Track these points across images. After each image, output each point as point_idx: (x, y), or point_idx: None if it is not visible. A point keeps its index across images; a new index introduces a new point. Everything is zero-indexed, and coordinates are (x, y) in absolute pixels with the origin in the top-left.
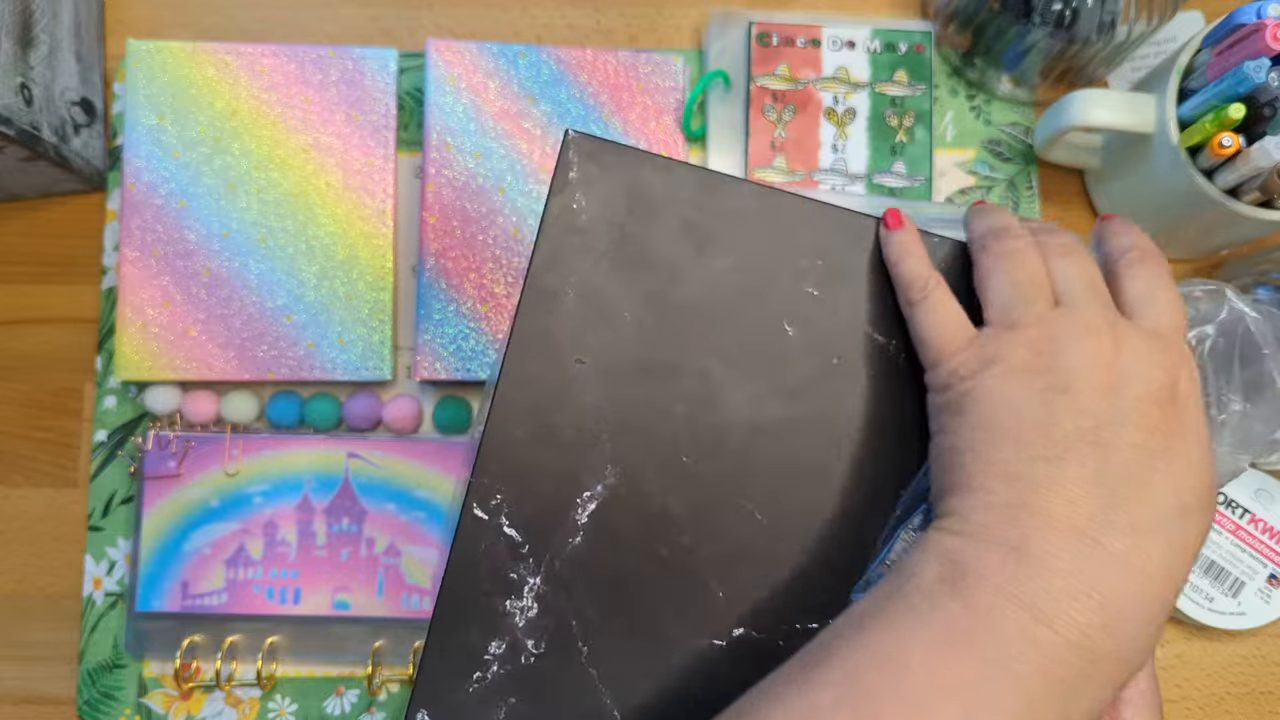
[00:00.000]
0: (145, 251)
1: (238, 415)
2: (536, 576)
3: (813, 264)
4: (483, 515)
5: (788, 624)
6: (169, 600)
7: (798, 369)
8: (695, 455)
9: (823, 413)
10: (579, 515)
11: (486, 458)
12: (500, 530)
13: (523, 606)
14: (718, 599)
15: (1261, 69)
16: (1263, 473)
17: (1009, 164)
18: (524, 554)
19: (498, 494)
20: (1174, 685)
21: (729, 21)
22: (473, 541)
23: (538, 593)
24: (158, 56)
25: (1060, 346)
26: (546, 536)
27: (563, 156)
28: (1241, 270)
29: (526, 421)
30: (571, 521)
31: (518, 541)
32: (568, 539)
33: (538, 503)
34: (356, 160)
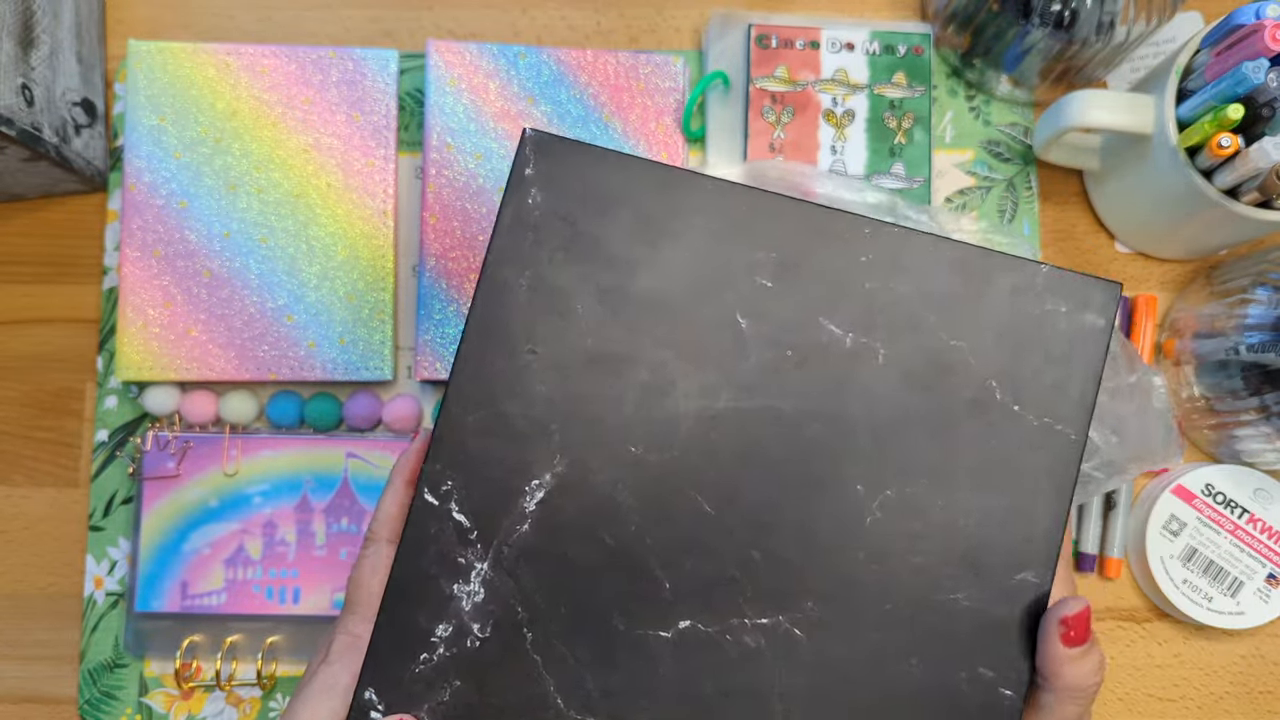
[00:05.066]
0: (146, 252)
1: (237, 416)
2: (484, 562)
3: (766, 256)
4: (433, 500)
5: (736, 618)
6: (168, 600)
7: (750, 361)
8: (644, 446)
9: (774, 406)
10: (527, 503)
11: (439, 444)
12: (450, 515)
13: (470, 591)
14: (664, 590)
15: (1260, 69)
16: (1261, 473)
17: (1008, 165)
18: (472, 540)
19: (448, 480)
20: (1173, 684)
21: (728, 23)
22: (423, 526)
23: (485, 578)
24: (159, 57)
25: None
26: (495, 523)
27: (520, 154)
28: (1240, 270)
29: (478, 410)
30: (520, 509)
31: (466, 527)
32: (516, 526)
33: (487, 490)
34: (357, 161)
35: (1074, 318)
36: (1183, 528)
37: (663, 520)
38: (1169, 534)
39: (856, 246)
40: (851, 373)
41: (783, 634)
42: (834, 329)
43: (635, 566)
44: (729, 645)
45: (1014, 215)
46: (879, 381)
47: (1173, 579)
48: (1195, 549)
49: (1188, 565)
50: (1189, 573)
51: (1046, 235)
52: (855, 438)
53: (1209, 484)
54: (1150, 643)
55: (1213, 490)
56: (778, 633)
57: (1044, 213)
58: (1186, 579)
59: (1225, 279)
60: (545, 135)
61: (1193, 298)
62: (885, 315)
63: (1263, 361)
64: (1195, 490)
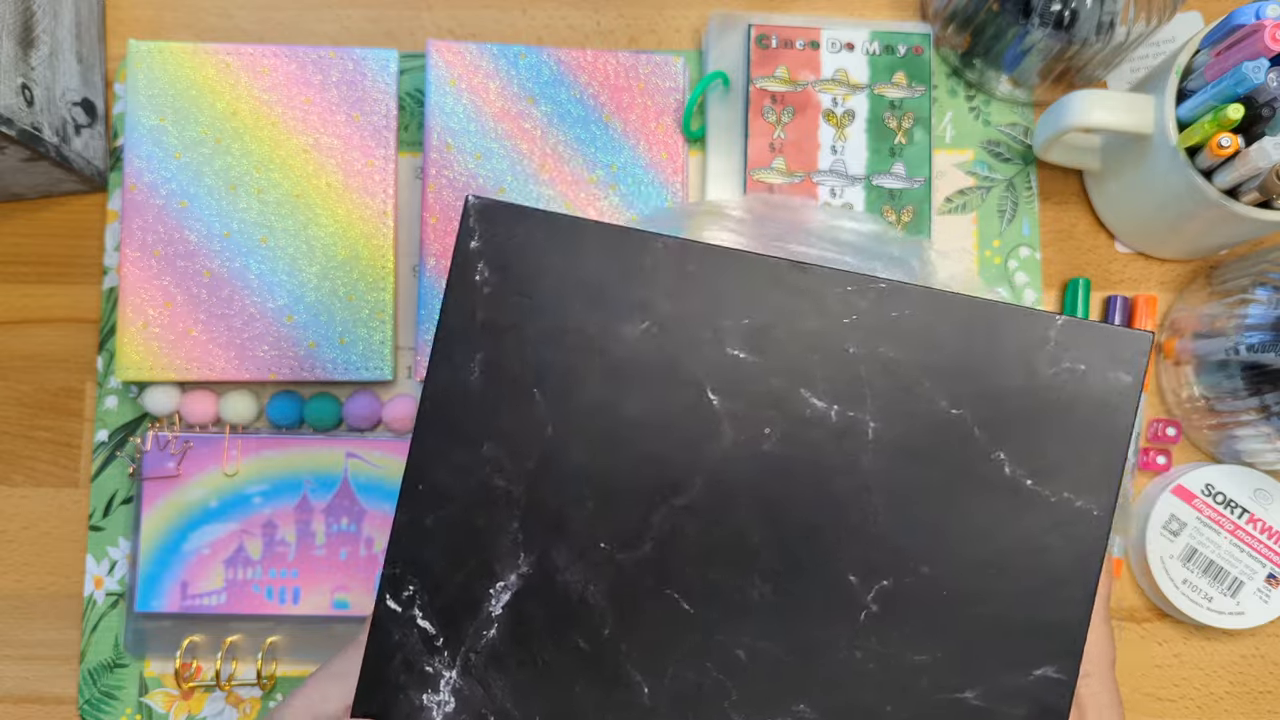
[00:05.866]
0: (146, 252)
1: (236, 416)
2: (452, 670)
3: (737, 323)
4: (396, 607)
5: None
6: (168, 600)
7: (724, 442)
8: (614, 542)
9: (753, 490)
10: (493, 607)
11: (396, 546)
12: (414, 622)
13: (439, 701)
14: (643, 696)
15: (1260, 69)
16: (1261, 473)
17: (1008, 164)
18: (438, 646)
19: (410, 585)
20: (1172, 684)
21: (728, 23)
22: (386, 634)
23: (454, 687)
24: (159, 57)
25: None
26: (461, 628)
27: (463, 225)
28: (1240, 270)
29: (436, 508)
30: (486, 613)
31: (432, 634)
32: (483, 631)
33: (451, 593)
34: (357, 161)
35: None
36: (1183, 528)
37: (638, 621)
38: (1169, 534)
39: (837, 306)
40: (838, 450)
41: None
42: (817, 402)
43: (611, 672)
44: None
45: (1014, 215)
46: (870, 459)
47: (1173, 579)
48: (1195, 549)
49: (1188, 565)
50: (1189, 573)
51: (1046, 235)
52: (845, 523)
53: (1209, 484)
54: (1150, 643)
55: (1213, 490)
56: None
57: (1044, 213)
58: (1186, 579)
59: (1225, 279)
60: (490, 202)
61: (1193, 298)
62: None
63: (1263, 361)
64: (1195, 490)
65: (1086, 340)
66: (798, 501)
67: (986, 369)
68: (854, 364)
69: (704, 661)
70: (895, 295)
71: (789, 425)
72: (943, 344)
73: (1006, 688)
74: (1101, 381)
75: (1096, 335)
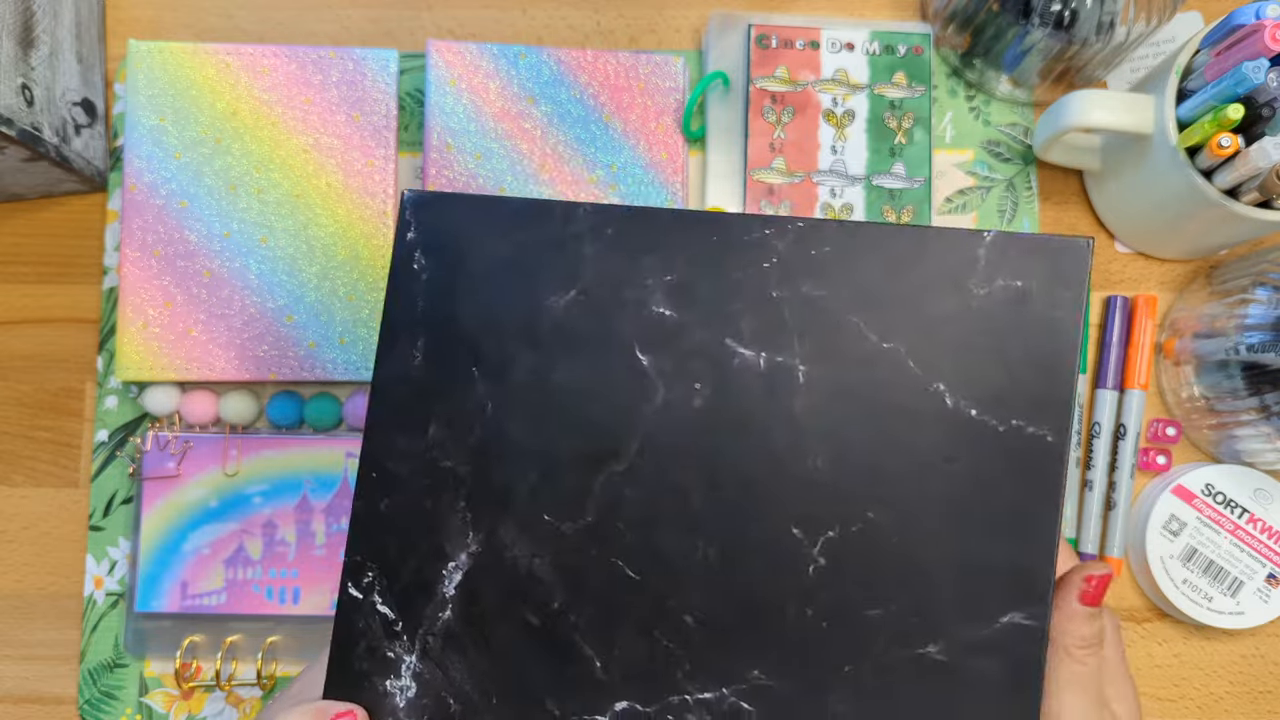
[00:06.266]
0: (146, 252)
1: (236, 416)
2: (412, 654)
3: (659, 280)
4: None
5: (675, 694)
6: (168, 600)
7: (656, 402)
8: (558, 513)
9: (689, 448)
10: (447, 588)
11: (355, 535)
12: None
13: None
14: (595, 669)
15: (1260, 69)
16: (1262, 473)
17: (1008, 164)
18: (398, 631)
19: (369, 571)
20: (1173, 684)
21: (728, 23)
22: (350, 622)
23: (415, 671)
24: (159, 57)
25: None
26: (418, 612)
27: (400, 219)
28: (1240, 270)
29: (387, 494)
30: (440, 595)
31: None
32: (438, 614)
33: (407, 577)
34: (357, 161)
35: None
36: (1183, 528)
37: (586, 593)
38: (1169, 534)
39: (756, 252)
40: (770, 398)
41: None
42: (744, 350)
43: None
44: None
45: (1014, 215)
46: (803, 404)
47: (1173, 579)
48: (1195, 549)
49: (1188, 565)
50: (1189, 573)
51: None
52: (784, 474)
53: (1209, 484)
54: (1150, 643)
55: (1213, 490)
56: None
57: (1044, 213)
58: (1186, 579)
59: (1225, 279)
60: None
61: (1193, 298)
62: (801, 325)
63: (1263, 361)
64: (1195, 490)
65: (1020, 255)
66: (734, 456)
67: (916, 297)
68: (778, 307)
69: (653, 630)
70: (813, 232)
71: (719, 377)
72: (868, 277)
73: (972, 639)
74: (1042, 297)
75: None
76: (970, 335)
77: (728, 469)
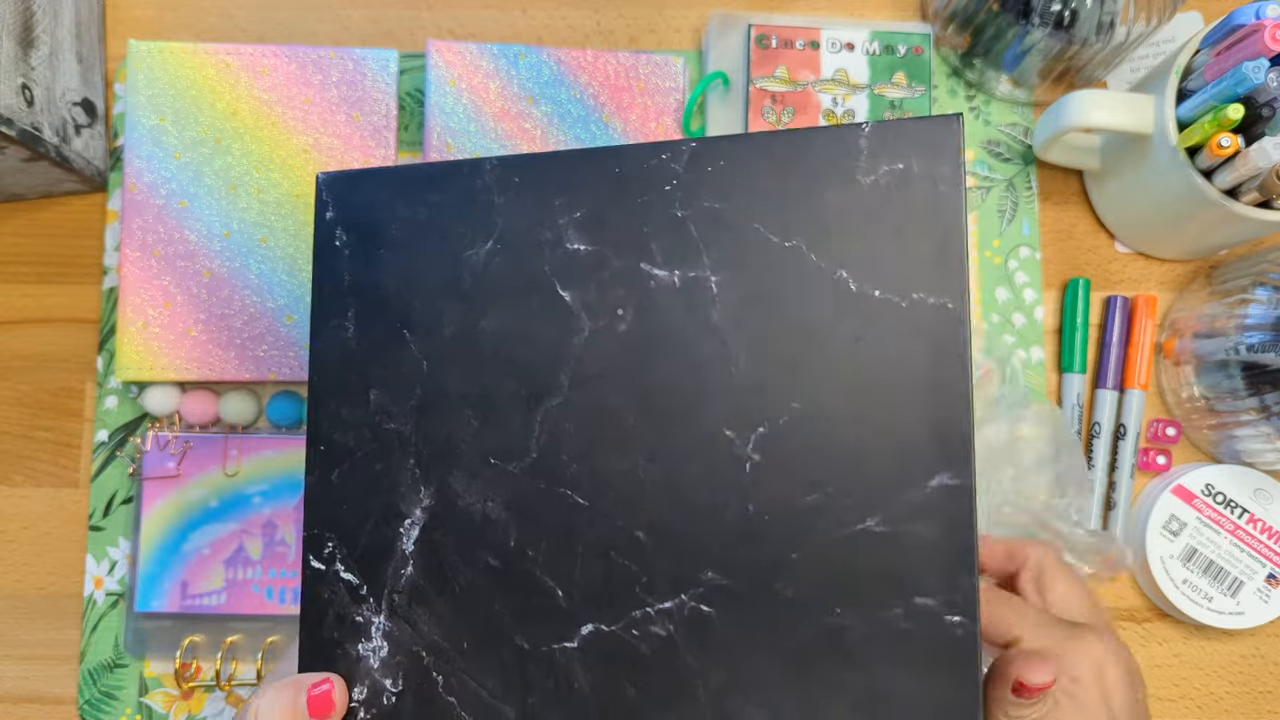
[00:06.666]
0: (146, 252)
1: (236, 416)
2: (380, 615)
3: (570, 218)
4: (320, 565)
5: (638, 608)
6: (168, 600)
7: (583, 334)
8: (502, 455)
9: (618, 371)
10: (405, 544)
11: (311, 509)
12: (338, 577)
13: (374, 648)
14: (557, 598)
15: (1260, 69)
16: (1262, 473)
17: (1008, 164)
18: (363, 595)
19: (329, 542)
20: (1173, 684)
21: (728, 23)
22: (316, 594)
23: (385, 630)
24: (159, 57)
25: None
26: (380, 573)
27: (318, 200)
28: (1240, 270)
29: (337, 465)
30: (400, 552)
31: (355, 584)
32: (400, 570)
33: (365, 541)
34: (357, 161)
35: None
36: (1183, 528)
37: (539, 526)
38: (1169, 534)
39: (657, 176)
40: (688, 312)
41: (689, 614)
42: (658, 272)
43: (524, 581)
44: (638, 641)
45: (1014, 215)
46: (720, 313)
47: (1173, 579)
48: (1195, 549)
49: (1188, 565)
50: (1189, 573)
51: (1046, 235)
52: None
53: (1209, 484)
54: (1150, 643)
55: (1213, 490)
56: (684, 614)
57: (1044, 213)
58: (1186, 579)
59: (1225, 279)
60: (335, 175)
61: (1193, 298)
62: (706, 239)
63: (1263, 361)
64: (1195, 490)
65: (897, 140)
66: (662, 372)
67: (809, 194)
68: (684, 225)
69: (609, 552)
70: (707, 150)
71: (639, 300)
72: (762, 183)
73: (906, 507)
74: (924, 176)
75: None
76: (863, 221)
77: (657, 386)
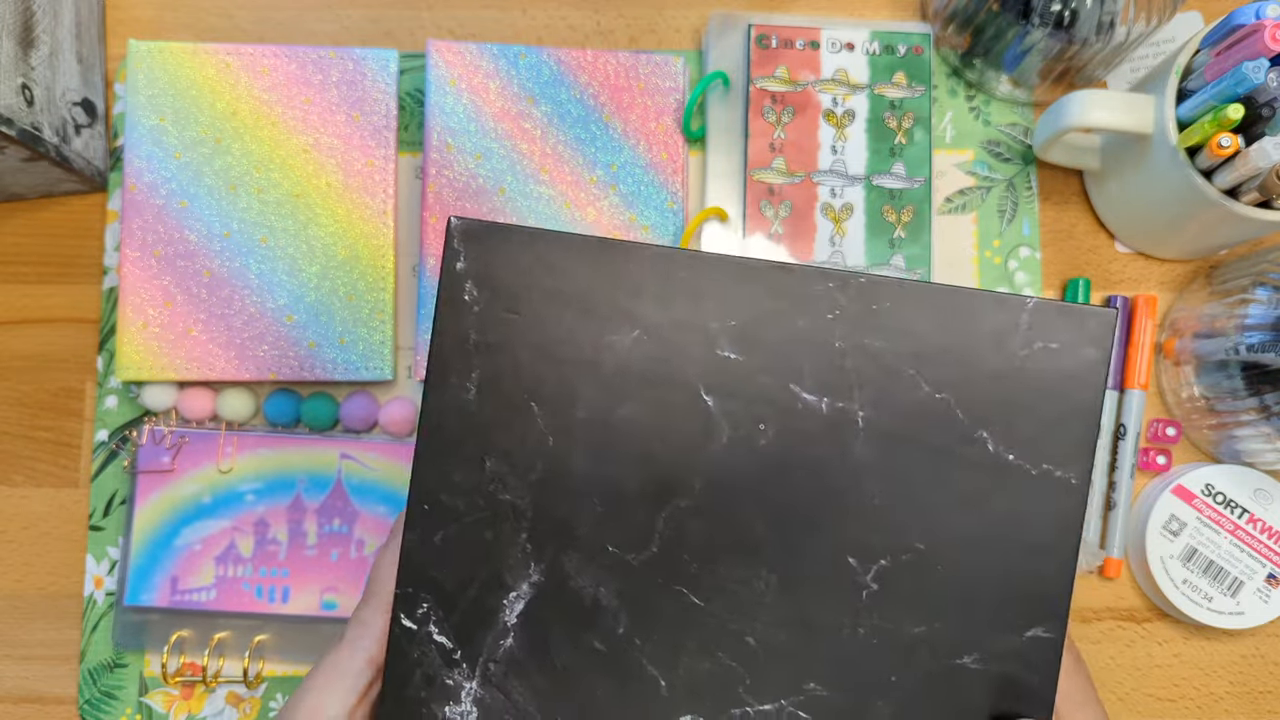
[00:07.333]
0: (146, 252)
1: (233, 413)
2: (472, 681)
3: (725, 325)
4: (411, 625)
5: (738, 707)
6: (158, 595)
7: (721, 442)
8: (622, 544)
9: (752, 485)
10: (508, 616)
11: (407, 567)
12: (430, 639)
13: (462, 711)
14: (660, 688)
15: (1260, 69)
16: (1262, 473)
17: (1008, 164)
18: (457, 659)
19: (423, 603)
20: (1172, 684)
21: (728, 23)
22: (404, 652)
23: (475, 696)
24: (159, 57)
25: None
26: (478, 640)
27: (448, 247)
28: (1240, 270)
29: (442, 527)
30: (501, 623)
31: (449, 648)
32: (500, 641)
33: (464, 607)
34: (357, 161)
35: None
36: (1183, 528)
37: (650, 618)
38: (1169, 534)
39: (821, 303)
40: (831, 441)
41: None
42: (807, 396)
43: (627, 668)
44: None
45: (1014, 215)
46: (862, 447)
47: (1173, 579)
48: (1195, 549)
49: (1188, 565)
50: (1189, 573)
51: (1046, 235)
52: (842, 509)
53: (1209, 484)
54: (1150, 643)
55: (1213, 490)
56: (781, 718)
57: (1044, 213)
58: (1186, 579)
59: (1225, 279)
60: (472, 222)
61: (1193, 298)
62: (861, 374)
63: (1263, 361)
64: (1195, 490)
65: (1056, 321)
66: (796, 493)
67: (965, 354)
68: (841, 357)
69: (716, 651)
70: (875, 288)
71: (783, 420)
72: (923, 332)
73: (1000, 650)
74: (1072, 358)
75: (1065, 315)
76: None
77: (789, 504)
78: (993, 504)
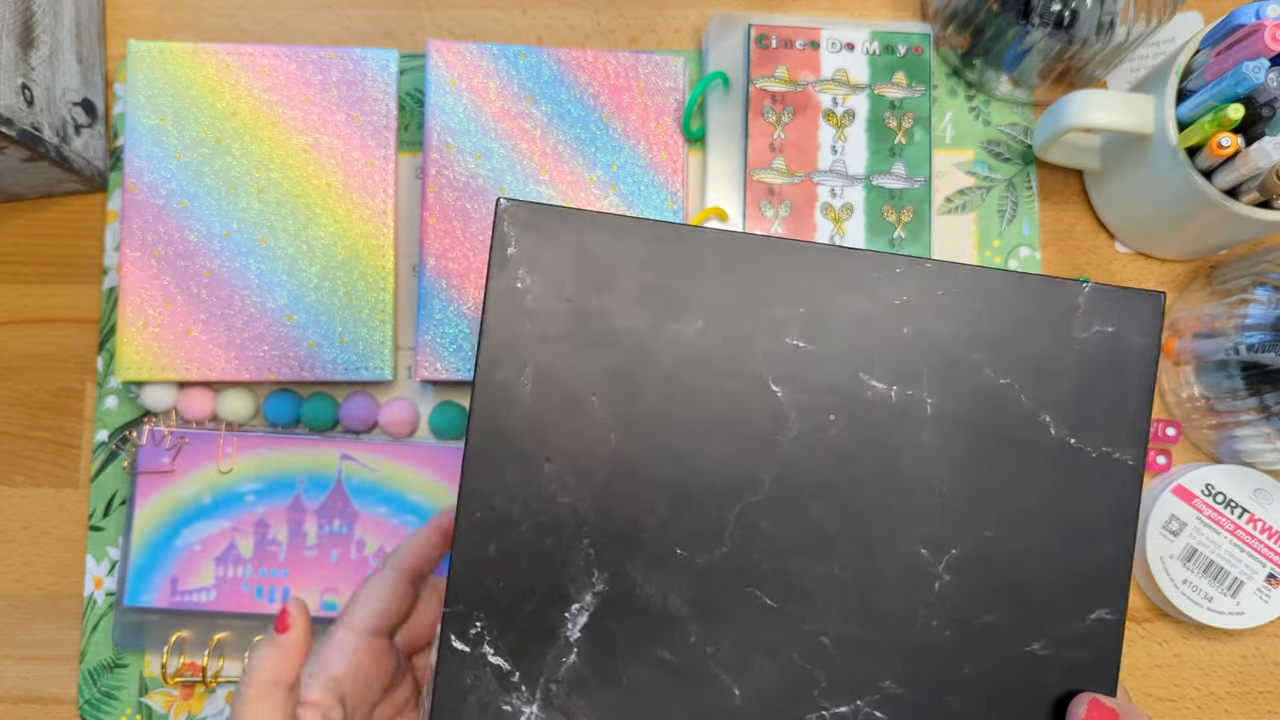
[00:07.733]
0: (146, 252)
1: (233, 413)
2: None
3: (792, 312)
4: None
5: (813, 711)
6: (158, 596)
7: (791, 433)
8: (692, 546)
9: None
10: (570, 631)
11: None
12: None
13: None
14: (734, 696)
15: (1260, 69)
16: (1261, 473)
17: (1008, 164)
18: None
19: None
20: (1172, 684)
21: (728, 23)
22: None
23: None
24: (159, 57)
25: None
26: (538, 659)
27: (498, 230)
28: (1240, 270)
29: (496, 537)
30: (563, 639)
31: (506, 670)
32: (562, 659)
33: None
34: (357, 160)
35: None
36: (1183, 528)
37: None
38: (1169, 534)
39: (888, 289)
40: (901, 429)
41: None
42: (877, 384)
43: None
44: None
45: (1014, 215)
46: (931, 434)
47: (1173, 579)
48: (1195, 549)
49: (1188, 565)
50: (1189, 573)
51: (1046, 235)
52: (912, 499)
53: (1209, 484)
54: (1150, 643)
55: (1213, 490)
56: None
57: (1044, 213)
58: (1186, 579)
59: (1225, 279)
60: (524, 205)
61: (1193, 298)
62: (928, 361)
63: (1263, 361)
64: (1195, 490)
65: (1110, 304)
66: (866, 484)
67: (1027, 338)
68: (908, 343)
69: (790, 654)
70: (940, 274)
71: (852, 409)
72: (987, 318)
73: (1067, 634)
74: (1127, 341)
75: (1118, 298)
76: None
77: (859, 497)
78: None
